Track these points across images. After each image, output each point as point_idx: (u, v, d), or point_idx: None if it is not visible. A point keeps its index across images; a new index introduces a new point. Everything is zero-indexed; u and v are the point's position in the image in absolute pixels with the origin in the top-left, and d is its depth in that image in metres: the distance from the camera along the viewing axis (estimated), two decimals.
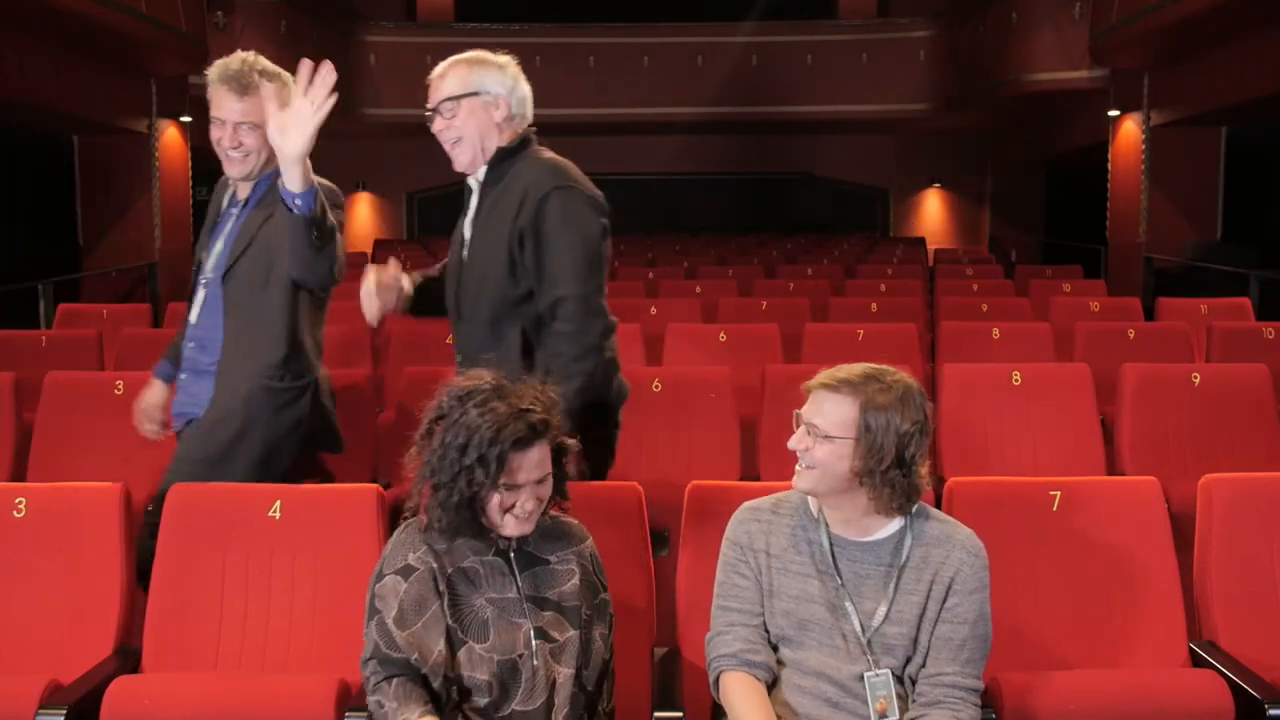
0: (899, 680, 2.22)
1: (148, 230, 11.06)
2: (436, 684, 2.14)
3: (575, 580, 2.26)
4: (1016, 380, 4.49)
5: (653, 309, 6.99)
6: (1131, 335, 5.75)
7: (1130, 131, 11.25)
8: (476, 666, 2.14)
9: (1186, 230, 10.99)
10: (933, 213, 16.61)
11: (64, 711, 2.47)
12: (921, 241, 14.45)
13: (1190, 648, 2.78)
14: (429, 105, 3.02)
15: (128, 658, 2.76)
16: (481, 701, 2.15)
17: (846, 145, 16.14)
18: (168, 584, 2.82)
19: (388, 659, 2.14)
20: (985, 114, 13.85)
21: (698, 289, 8.28)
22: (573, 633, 2.21)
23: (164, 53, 10.11)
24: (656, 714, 2.59)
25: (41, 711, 2.47)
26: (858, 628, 2.21)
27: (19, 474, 4.35)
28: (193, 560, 2.83)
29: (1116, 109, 11.33)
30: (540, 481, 2.17)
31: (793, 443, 2.20)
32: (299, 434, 3.11)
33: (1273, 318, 6.32)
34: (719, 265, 10.69)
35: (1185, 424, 4.42)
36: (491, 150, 3.00)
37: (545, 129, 3.11)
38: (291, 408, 3.07)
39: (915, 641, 2.20)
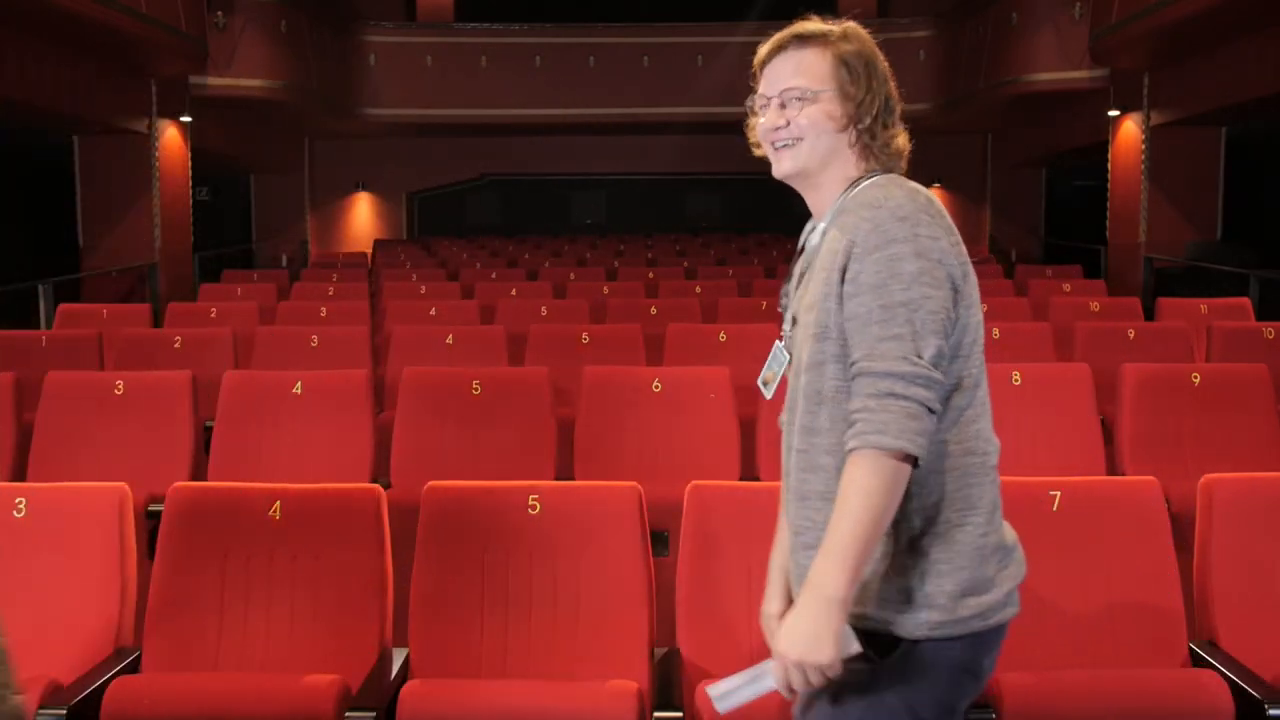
0: None
1: (148, 230, 11.06)
2: None
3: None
4: (1016, 380, 4.49)
5: (653, 309, 6.99)
6: (1131, 335, 5.75)
7: (1130, 131, 11.25)
8: None
9: (1186, 230, 10.99)
10: None
11: (64, 711, 2.47)
12: None
13: (1190, 648, 2.78)
14: None
15: (127, 658, 2.76)
16: None
17: None
18: (168, 584, 2.82)
19: None
20: (985, 114, 13.83)
21: (698, 289, 8.29)
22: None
23: (164, 53, 10.11)
24: (657, 714, 2.59)
25: (41, 711, 2.47)
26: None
27: (19, 474, 4.35)
28: (193, 560, 2.83)
29: (1116, 109, 11.33)
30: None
31: (768, 123, 1.89)
32: None
33: (1273, 318, 6.32)
34: (719, 265, 10.70)
35: (1185, 424, 4.42)
36: None
37: (544, 128, 3.11)
38: None
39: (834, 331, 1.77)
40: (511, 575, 2.82)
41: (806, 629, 1.63)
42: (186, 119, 11.39)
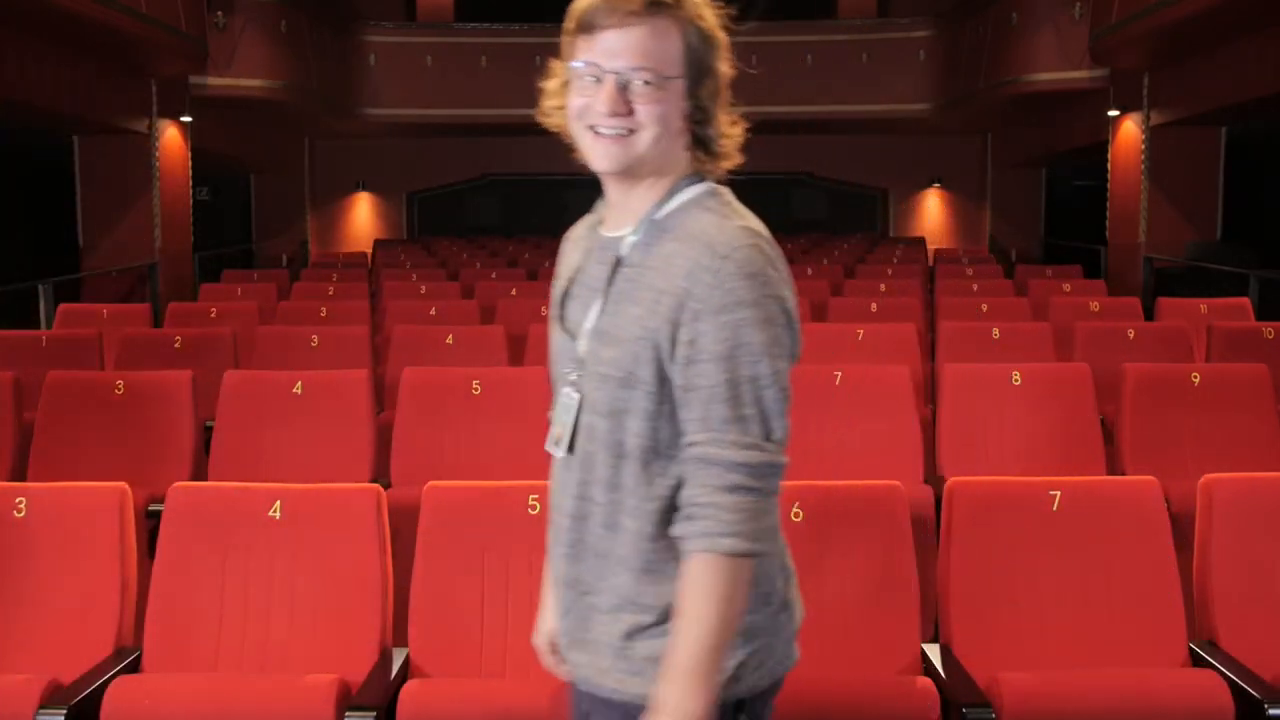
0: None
1: (148, 230, 11.06)
2: None
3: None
4: (1016, 380, 4.49)
5: None
6: (1131, 335, 5.75)
7: (1130, 131, 11.25)
8: None
9: (1186, 230, 10.99)
10: (933, 213, 16.61)
11: (64, 711, 2.47)
12: (921, 241, 14.45)
13: (1190, 648, 2.78)
14: None
15: (127, 658, 2.76)
16: None
17: (846, 145, 16.12)
18: (168, 584, 2.82)
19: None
20: (986, 114, 13.83)
21: None
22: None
23: (164, 53, 10.10)
24: None
25: (41, 711, 2.47)
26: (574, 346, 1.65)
27: (19, 474, 4.35)
28: (193, 560, 2.83)
29: (1116, 109, 11.33)
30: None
31: (602, 105, 1.55)
32: None
33: (1273, 318, 6.32)
34: None
35: (1185, 424, 4.42)
36: None
37: (544, 128, 3.10)
38: None
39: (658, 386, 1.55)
40: (511, 575, 2.82)
41: None
42: (186, 119, 11.39)
